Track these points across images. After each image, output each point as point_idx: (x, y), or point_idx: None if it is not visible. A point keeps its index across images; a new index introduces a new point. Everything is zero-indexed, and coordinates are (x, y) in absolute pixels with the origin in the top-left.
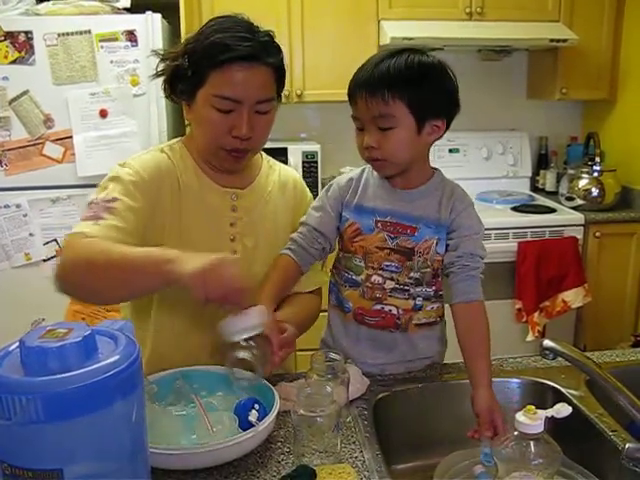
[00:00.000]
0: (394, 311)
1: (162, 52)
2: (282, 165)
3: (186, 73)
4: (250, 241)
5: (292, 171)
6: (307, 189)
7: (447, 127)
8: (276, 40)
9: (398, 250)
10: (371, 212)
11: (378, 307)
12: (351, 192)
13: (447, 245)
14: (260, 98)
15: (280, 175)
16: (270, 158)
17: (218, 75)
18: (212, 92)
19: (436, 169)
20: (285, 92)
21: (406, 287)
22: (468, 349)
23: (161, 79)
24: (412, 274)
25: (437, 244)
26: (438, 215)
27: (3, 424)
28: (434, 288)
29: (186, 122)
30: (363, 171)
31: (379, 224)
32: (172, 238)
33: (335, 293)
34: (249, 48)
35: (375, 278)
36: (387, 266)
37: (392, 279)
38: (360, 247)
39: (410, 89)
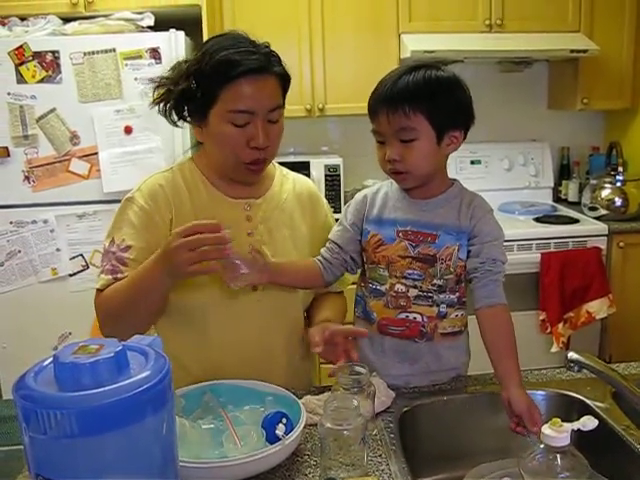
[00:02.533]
0: (419, 319)
1: (157, 79)
2: (296, 174)
3: (195, 94)
4: (269, 249)
5: (306, 180)
6: (322, 197)
7: (464, 138)
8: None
9: (420, 258)
10: (392, 223)
11: (402, 316)
12: (369, 206)
13: (469, 251)
14: (271, 107)
15: (295, 184)
16: (283, 168)
17: (230, 91)
18: (227, 108)
19: (455, 180)
20: (307, 106)
21: (429, 294)
22: (495, 350)
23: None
24: (435, 281)
25: (459, 250)
26: (458, 222)
27: (38, 438)
28: (457, 294)
29: (192, 142)
30: (380, 188)
31: (400, 233)
32: None
33: (362, 305)
34: (256, 61)
35: (398, 287)
36: (410, 274)
37: (415, 287)
38: (383, 257)
39: (429, 102)
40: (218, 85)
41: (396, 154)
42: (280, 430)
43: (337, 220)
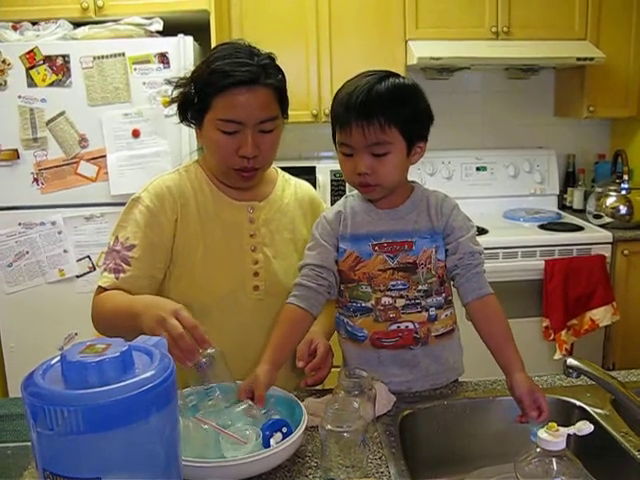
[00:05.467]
0: (411, 326)
1: (175, 80)
2: (297, 180)
3: (193, 100)
4: (270, 251)
5: (308, 186)
6: (323, 204)
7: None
8: (277, 61)
9: (401, 268)
10: (365, 238)
11: (394, 327)
12: (342, 224)
13: (446, 250)
14: (262, 118)
15: (296, 189)
16: (285, 173)
17: (221, 100)
18: (216, 116)
19: (414, 182)
20: (314, 111)
21: (417, 301)
22: (494, 340)
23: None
24: (420, 287)
25: (436, 252)
26: (430, 224)
27: (46, 434)
28: (444, 295)
29: (197, 145)
30: (345, 203)
31: (376, 247)
32: (198, 253)
33: (344, 327)
34: (247, 72)
35: (385, 300)
36: (394, 285)
37: (402, 296)
38: (363, 274)
39: (404, 113)
40: (210, 94)
41: (367, 167)
42: (276, 439)
43: None
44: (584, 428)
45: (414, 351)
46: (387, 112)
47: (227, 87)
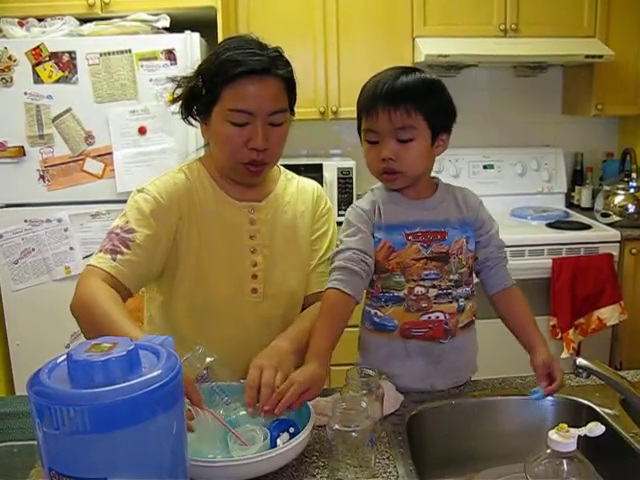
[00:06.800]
0: (441, 317)
1: (177, 78)
2: (301, 178)
3: (200, 92)
4: (270, 251)
5: (312, 181)
6: (326, 196)
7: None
8: (285, 55)
9: (434, 257)
10: (400, 227)
11: (425, 317)
12: (377, 213)
13: (477, 242)
14: (273, 109)
15: (298, 185)
16: (288, 171)
17: (231, 90)
18: (227, 107)
19: (436, 177)
20: (321, 109)
21: (448, 291)
22: (518, 323)
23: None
24: (451, 277)
25: (467, 242)
26: (461, 215)
27: (52, 433)
28: (470, 286)
29: (203, 142)
30: (374, 192)
31: (410, 237)
32: (200, 253)
33: (371, 318)
34: (258, 62)
35: (418, 289)
36: (427, 275)
37: (434, 286)
38: (396, 263)
39: (429, 102)
40: (220, 84)
41: (392, 153)
42: (283, 439)
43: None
44: (595, 429)
45: (442, 346)
46: (413, 99)
47: (238, 76)
